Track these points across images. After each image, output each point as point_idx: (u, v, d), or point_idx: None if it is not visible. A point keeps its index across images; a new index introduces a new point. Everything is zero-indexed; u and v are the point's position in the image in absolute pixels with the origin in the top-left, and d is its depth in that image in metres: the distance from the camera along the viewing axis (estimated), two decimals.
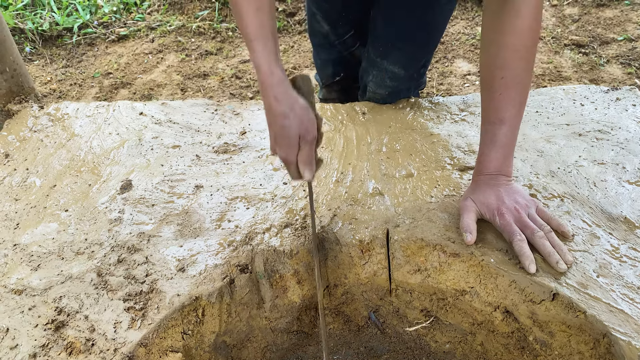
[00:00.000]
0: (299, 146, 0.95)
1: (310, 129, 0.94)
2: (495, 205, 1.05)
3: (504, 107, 1.02)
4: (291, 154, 0.95)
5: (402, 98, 1.59)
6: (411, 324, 1.22)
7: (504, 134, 1.04)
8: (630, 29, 2.89)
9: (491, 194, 1.06)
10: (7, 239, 1.17)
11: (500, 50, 0.99)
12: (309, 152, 0.96)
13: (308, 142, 0.95)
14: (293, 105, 0.93)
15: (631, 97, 1.48)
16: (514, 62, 0.99)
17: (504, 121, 1.03)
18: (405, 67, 1.52)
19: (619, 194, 1.17)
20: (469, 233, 1.04)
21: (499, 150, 1.06)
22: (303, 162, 0.96)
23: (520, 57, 0.98)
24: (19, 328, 0.97)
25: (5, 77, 1.67)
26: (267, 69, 0.94)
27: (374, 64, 1.55)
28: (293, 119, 0.92)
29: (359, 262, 1.14)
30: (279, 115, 0.93)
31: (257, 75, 0.96)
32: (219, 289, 1.06)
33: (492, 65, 1.00)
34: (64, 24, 3.19)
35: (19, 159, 1.42)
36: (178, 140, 1.45)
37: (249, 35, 0.94)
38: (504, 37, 0.97)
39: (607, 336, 0.90)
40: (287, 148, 0.95)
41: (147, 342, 0.96)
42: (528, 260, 0.98)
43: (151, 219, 1.20)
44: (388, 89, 1.55)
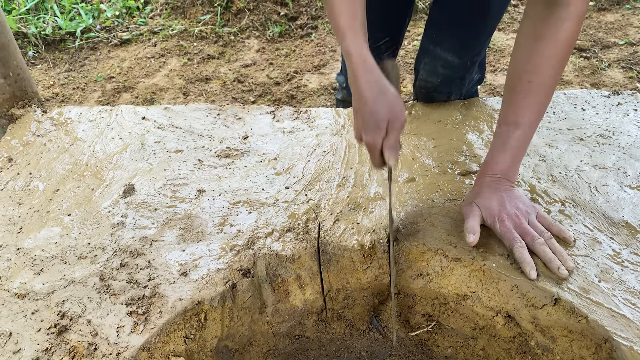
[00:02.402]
0: (386, 131, 0.96)
1: (399, 115, 0.95)
2: (496, 210, 1.05)
3: (522, 111, 1.04)
4: (378, 138, 0.96)
5: (455, 89, 1.57)
6: (413, 329, 1.22)
7: (517, 138, 1.05)
8: (631, 33, 2.90)
9: (493, 199, 1.06)
10: (11, 243, 1.18)
11: (533, 57, 1.00)
12: (396, 138, 0.97)
13: (396, 129, 0.96)
14: (384, 91, 0.95)
15: (632, 101, 1.48)
16: (545, 69, 1.00)
17: (520, 125, 1.04)
18: (459, 55, 1.50)
19: (621, 198, 1.17)
20: (472, 234, 1.04)
21: (509, 153, 1.07)
22: (390, 147, 0.97)
23: (552, 66, 1.00)
24: (21, 332, 0.97)
25: (8, 81, 1.68)
26: (360, 56, 0.97)
27: (427, 51, 1.54)
28: (384, 105, 0.94)
29: (361, 266, 1.14)
30: (370, 100, 0.95)
31: (347, 63, 0.99)
32: (221, 293, 1.06)
33: (522, 69, 1.02)
34: (67, 28, 3.21)
35: (22, 163, 1.43)
36: (180, 145, 1.46)
37: (340, 25, 0.98)
38: (541, 44, 0.98)
39: (609, 341, 0.90)
40: (375, 132, 0.95)
41: (149, 346, 0.96)
42: (529, 266, 0.99)
43: (154, 223, 1.20)
44: (440, 77, 1.53)
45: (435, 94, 1.56)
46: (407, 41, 3.04)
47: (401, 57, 2.90)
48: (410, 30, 3.11)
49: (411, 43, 3.02)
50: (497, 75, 2.70)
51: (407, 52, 2.96)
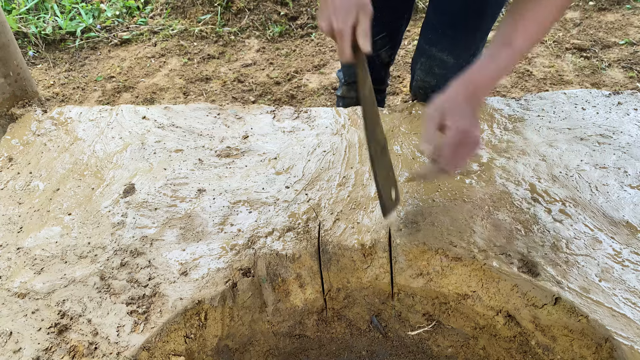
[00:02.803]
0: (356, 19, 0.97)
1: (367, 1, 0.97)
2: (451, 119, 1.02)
3: (520, 35, 1.03)
4: (349, 23, 0.97)
5: None
6: (413, 328, 1.22)
7: (507, 56, 1.04)
8: (631, 33, 2.90)
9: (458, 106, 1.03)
10: (11, 242, 1.18)
11: None
12: (367, 24, 0.98)
13: (366, 13, 0.98)
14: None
15: (633, 101, 1.48)
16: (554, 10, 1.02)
17: (513, 46, 1.03)
18: (454, 55, 1.50)
19: (621, 198, 1.17)
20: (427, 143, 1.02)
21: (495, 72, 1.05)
22: (363, 33, 0.98)
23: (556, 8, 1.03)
24: (22, 332, 0.97)
25: (8, 81, 1.68)
26: None
27: (423, 51, 1.54)
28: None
29: (361, 266, 1.14)
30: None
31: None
32: (222, 292, 1.06)
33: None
34: (67, 28, 3.20)
35: (23, 163, 1.43)
36: (181, 144, 1.46)
37: None
38: None
39: (609, 340, 0.90)
40: (346, 17, 0.97)
41: (150, 345, 0.96)
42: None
43: (154, 222, 1.20)
44: (436, 77, 1.54)
45: (433, 94, 1.56)
46: (407, 41, 3.04)
47: (401, 56, 2.90)
48: (411, 30, 3.11)
49: (411, 43, 3.02)
50: None
51: (407, 52, 2.95)
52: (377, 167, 1.06)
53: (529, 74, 2.67)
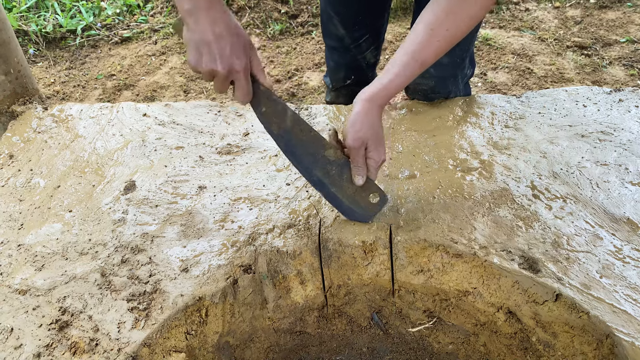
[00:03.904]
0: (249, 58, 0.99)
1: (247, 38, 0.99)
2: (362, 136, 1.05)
3: (432, 54, 1.04)
4: (244, 65, 0.98)
5: (450, 88, 1.56)
6: (414, 325, 1.22)
7: (414, 74, 1.06)
8: (632, 30, 2.89)
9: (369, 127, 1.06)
10: (12, 239, 1.18)
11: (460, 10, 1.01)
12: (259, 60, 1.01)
13: (254, 51, 1.00)
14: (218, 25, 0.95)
15: (634, 98, 1.48)
16: (463, 28, 1.03)
17: (423, 65, 1.05)
18: (448, 55, 1.49)
19: (622, 195, 1.17)
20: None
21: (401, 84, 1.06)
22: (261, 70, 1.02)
23: (468, 25, 1.03)
24: (23, 328, 0.97)
25: (9, 78, 1.68)
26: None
27: None
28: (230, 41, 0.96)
29: (362, 263, 1.14)
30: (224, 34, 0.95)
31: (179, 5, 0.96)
32: (223, 289, 1.06)
33: (444, 16, 1.02)
34: (68, 26, 3.20)
35: (23, 160, 1.43)
36: (181, 142, 1.46)
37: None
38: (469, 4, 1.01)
39: (610, 337, 0.90)
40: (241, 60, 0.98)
41: (150, 342, 0.96)
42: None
43: (155, 219, 1.20)
44: (433, 78, 1.53)
45: (433, 95, 1.56)
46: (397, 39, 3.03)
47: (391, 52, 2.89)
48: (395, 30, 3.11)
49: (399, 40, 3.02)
50: (498, 72, 2.70)
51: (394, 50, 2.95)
52: (335, 190, 1.12)
53: (530, 71, 2.67)
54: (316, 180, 1.11)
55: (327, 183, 1.11)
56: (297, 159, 1.11)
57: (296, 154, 1.10)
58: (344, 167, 1.10)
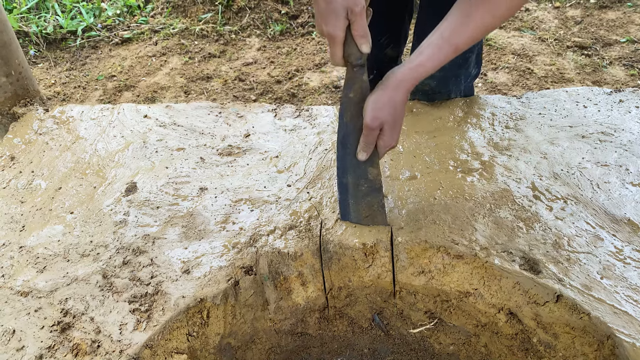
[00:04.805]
0: (348, 20, 0.94)
1: (356, 2, 0.93)
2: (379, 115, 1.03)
3: (467, 39, 1.03)
4: (339, 28, 0.94)
5: (453, 88, 1.55)
6: (415, 326, 1.22)
7: (442, 57, 1.04)
8: (632, 30, 2.89)
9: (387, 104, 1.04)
10: (13, 241, 1.18)
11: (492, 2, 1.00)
12: (361, 24, 0.95)
13: (357, 14, 0.94)
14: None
15: (634, 98, 1.48)
16: (498, 17, 1.02)
17: (457, 50, 1.04)
18: None
19: (623, 195, 1.17)
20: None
21: (430, 69, 1.05)
22: (359, 35, 0.96)
23: (502, 16, 1.02)
24: (25, 330, 0.97)
25: (10, 80, 1.68)
26: None
27: None
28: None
29: (363, 265, 1.14)
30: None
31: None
32: (224, 290, 1.06)
33: (479, 4, 1.01)
34: (68, 27, 3.20)
35: (25, 162, 1.43)
36: (182, 143, 1.46)
37: None
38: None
39: (611, 338, 0.90)
40: (335, 22, 0.94)
41: (152, 343, 0.96)
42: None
43: (156, 221, 1.20)
44: (435, 78, 1.53)
45: (434, 95, 1.56)
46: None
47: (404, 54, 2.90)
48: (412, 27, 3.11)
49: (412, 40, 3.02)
50: (499, 73, 2.70)
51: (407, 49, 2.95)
52: (352, 203, 1.13)
53: (530, 71, 2.67)
54: (344, 183, 1.13)
55: (351, 193, 1.13)
56: (342, 154, 1.11)
57: (346, 149, 1.10)
58: (374, 191, 1.12)
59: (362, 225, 1.15)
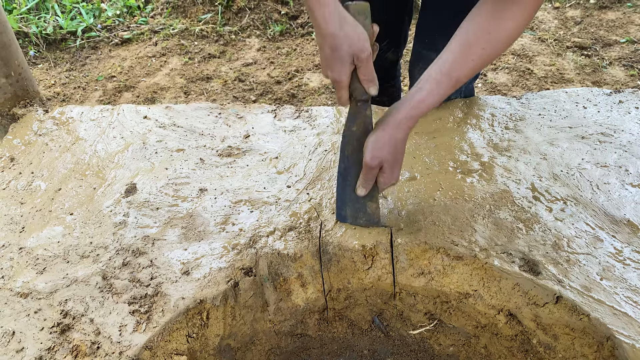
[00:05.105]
0: (354, 65, 0.95)
1: (363, 46, 0.94)
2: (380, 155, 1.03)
3: (467, 72, 1.01)
4: (344, 74, 0.95)
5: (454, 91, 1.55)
6: (415, 327, 1.22)
7: (442, 91, 1.01)
8: (632, 31, 2.89)
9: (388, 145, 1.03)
10: (13, 242, 1.18)
11: (495, 30, 0.98)
12: (368, 69, 0.96)
13: (364, 60, 0.95)
14: (341, 24, 0.93)
15: (634, 99, 1.48)
16: (499, 47, 1.00)
17: (457, 83, 1.02)
18: None
19: (622, 196, 1.17)
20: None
21: (433, 102, 1.02)
22: (366, 79, 0.97)
23: (506, 44, 1.01)
24: (24, 331, 0.97)
25: (10, 81, 1.68)
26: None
27: (420, 56, 1.54)
28: (344, 38, 0.93)
29: (362, 267, 1.14)
30: (328, 36, 0.93)
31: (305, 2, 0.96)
32: (224, 292, 1.06)
33: (482, 35, 0.99)
34: (68, 28, 3.21)
35: (24, 163, 1.43)
36: (182, 144, 1.46)
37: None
38: (504, 22, 0.97)
39: (610, 339, 0.90)
40: (341, 68, 0.95)
41: (152, 345, 0.97)
42: None
43: (156, 222, 1.21)
44: None
45: None
46: None
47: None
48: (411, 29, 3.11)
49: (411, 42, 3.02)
50: (498, 73, 2.70)
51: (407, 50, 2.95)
52: None
53: (530, 72, 2.67)
54: (342, 215, 1.15)
55: (349, 218, 1.15)
56: (342, 185, 1.12)
57: (346, 181, 1.11)
58: (372, 224, 1.14)
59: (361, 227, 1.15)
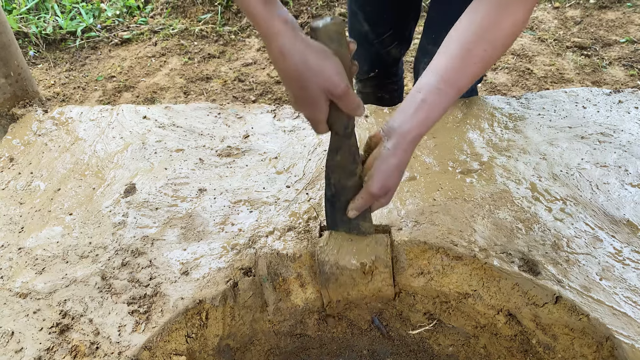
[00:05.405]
0: (329, 100, 0.83)
1: (335, 81, 0.79)
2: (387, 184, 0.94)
3: (466, 78, 0.91)
4: (318, 112, 0.83)
5: None
6: (414, 327, 1.22)
7: (446, 103, 0.91)
8: (632, 31, 2.89)
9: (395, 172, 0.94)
10: (12, 242, 1.18)
11: (494, 28, 0.89)
12: (348, 100, 0.82)
13: (340, 95, 0.81)
14: (305, 57, 0.77)
15: (634, 99, 1.48)
16: (500, 47, 0.91)
17: (459, 92, 0.92)
18: None
19: (622, 196, 1.17)
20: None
21: (436, 115, 0.92)
22: (350, 110, 0.84)
23: (505, 44, 0.92)
24: (23, 331, 0.97)
25: (9, 81, 1.68)
26: (266, 17, 0.75)
27: (426, 51, 1.54)
28: (310, 75, 0.78)
29: (362, 281, 1.12)
30: (292, 74, 0.78)
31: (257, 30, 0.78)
32: (223, 292, 1.06)
33: (480, 34, 0.89)
34: (68, 28, 3.21)
35: (24, 163, 1.43)
36: (181, 144, 1.46)
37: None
38: (503, 19, 0.89)
39: (610, 339, 0.90)
40: (313, 108, 0.82)
41: (151, 345, 0.96)
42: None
43: (155, 222, 1.20)
44: None
45: None
46: None
47: None
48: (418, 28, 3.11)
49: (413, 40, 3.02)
50: (498, 73, 2.70)
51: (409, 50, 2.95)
52: None
53: (530, 72, 2.67)
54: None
55: None
56: (331, 211, 1.06)
57: (334, 206, 1.04)
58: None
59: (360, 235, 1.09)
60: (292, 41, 0.77)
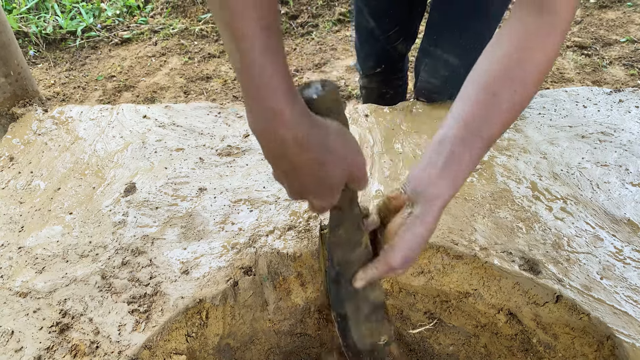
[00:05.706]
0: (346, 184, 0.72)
1: (360, 161, 0.70)
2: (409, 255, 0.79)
3: (496, 124, 0.77)
4: (333, 200, 0.72)
5: (456, 90, 1.51)
6: (415, 327, 1.22)
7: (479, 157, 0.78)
8: (632, 30, 2.89)
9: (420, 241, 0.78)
10: (12, 241, 1.18)
11: (524, 62, 0.77)
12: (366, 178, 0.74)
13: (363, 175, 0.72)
14: (326, 142, 0.64)
15: (634, 98, 1.48)
16: (532, 84, 0.78)
17: (490, 143, 0.78)
18: (459, 57, 1.48)
19: (623, 195, 1.17)
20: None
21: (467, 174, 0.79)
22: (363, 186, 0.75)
23: (538, 79, 0.79)
24: (23, 331, 0.97)
25: (9, 80, 1.68)
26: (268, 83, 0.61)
27: (428, 52, 1.54)
28: (334, 163, 0.66)
29: None
30: (310, 166, 0.64)
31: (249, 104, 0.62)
32: (223, 291, 1.06)
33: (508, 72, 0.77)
34: (68, 28, 3.21)
35: (24, 162, 1.43)
36: (181, 143, 1.46)
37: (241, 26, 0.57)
38: (530, 53, 0.77)
39: (611, 338, 0.90)
40: (329, 196, 0.70)
41: (151, 344, 0.96)
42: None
43: (155, 221, 1.20)
44: (442, 78, 1.52)
45: (436, 95, 1.56)
46: None
47: None
48: None
49: None
50: None
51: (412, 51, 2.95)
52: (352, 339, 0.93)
53: None
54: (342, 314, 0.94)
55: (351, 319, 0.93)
56: (336, 290, 0.91)
57: (339, 284, 0.89)
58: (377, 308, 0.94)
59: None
60: (309, 126, 0.62)
